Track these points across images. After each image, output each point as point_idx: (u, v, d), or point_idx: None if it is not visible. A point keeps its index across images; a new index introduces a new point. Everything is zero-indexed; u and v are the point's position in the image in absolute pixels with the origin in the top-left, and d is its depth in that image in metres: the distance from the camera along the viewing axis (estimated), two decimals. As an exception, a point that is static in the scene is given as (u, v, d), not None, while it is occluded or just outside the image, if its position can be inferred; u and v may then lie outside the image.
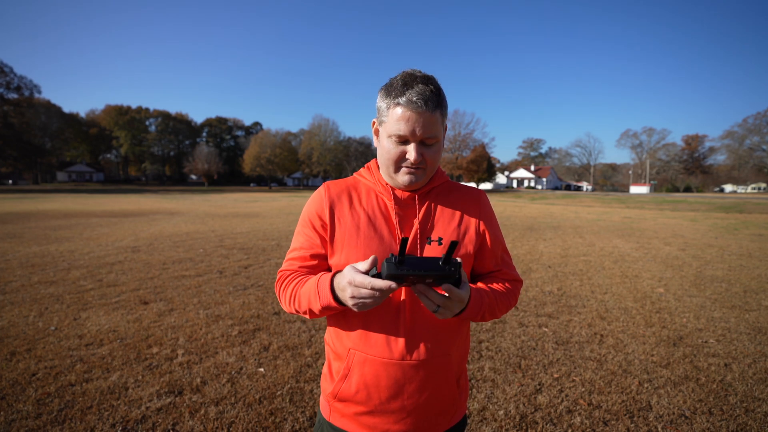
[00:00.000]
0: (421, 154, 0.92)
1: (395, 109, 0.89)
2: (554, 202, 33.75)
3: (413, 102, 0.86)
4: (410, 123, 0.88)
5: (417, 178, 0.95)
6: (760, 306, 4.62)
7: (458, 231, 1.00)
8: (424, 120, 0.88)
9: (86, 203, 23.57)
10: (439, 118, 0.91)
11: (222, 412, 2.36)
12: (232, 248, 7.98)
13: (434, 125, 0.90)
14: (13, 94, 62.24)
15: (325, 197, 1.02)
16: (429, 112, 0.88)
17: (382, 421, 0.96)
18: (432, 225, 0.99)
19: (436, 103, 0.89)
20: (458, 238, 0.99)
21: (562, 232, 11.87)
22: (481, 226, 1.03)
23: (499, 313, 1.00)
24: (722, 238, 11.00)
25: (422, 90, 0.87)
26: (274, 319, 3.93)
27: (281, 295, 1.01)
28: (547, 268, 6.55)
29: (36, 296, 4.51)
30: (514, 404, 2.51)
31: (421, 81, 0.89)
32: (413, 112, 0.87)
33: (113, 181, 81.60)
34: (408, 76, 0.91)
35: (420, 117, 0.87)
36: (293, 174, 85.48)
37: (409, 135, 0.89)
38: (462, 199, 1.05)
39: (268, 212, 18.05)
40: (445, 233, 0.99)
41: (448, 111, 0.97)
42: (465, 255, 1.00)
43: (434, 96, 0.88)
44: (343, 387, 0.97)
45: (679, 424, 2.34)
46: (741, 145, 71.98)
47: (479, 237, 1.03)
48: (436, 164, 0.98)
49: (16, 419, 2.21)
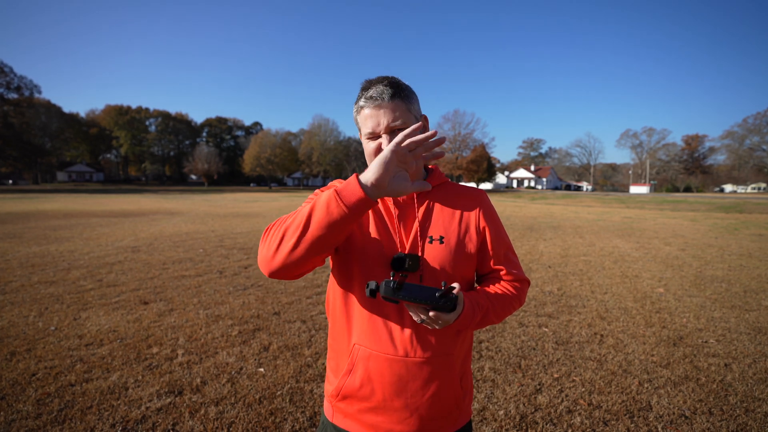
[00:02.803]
0: None
1: (361, 112, 0.97)
2: (554, 202, 33.75)
3: (370, 98, 0.94)
4: (374, 118, 0.94)
5: None
6: (760, 306, 4.62)
7: (459, 229, 1.00)
8: (384, 110, 0.94)
9: (86, 203, 23.57)
10: (401, 105, 0.95)
11: (222, 412, 2.36)
12: (232, 248, 7.98)
13: (397, 111, 0.94)
14: (13, 94, 62.33)
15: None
16: (387, 102, 0.93)
17: (386, 419, 0.96)
18: (432, 223, 1.00)
19: (393, 93, 0.94)
20: (459, 237, 0.99)
21: (562, 232, 11.87)
22: (481, 224, 1.03)
23: (498, 320, 1.00)
24: (722, 238, 11.00)
25: (377, 87, 0.95)
26: (274, 319, 3.93)
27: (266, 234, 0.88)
28: (547, 268, 6.55)
29: (36, 296, 4.51)
30: (514, 404, 2.51)
31: (378, 81, 0.97)
32: (373, 107, 0.94)
33: (113, 181, 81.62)
34: (366, 82, 0.99)
35: (380, 109, 0.94)
36: (293, 174, 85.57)
37: (376, 128, 0.95)
38: (462, 198, 1.05)
39: (268, 212, 18.05)
40: (446, 231, 0.99)
41: (417, 102, 1.01)
42: (466, 254, 1.00)
43: (390, 87, 0.94)
44: (347, 382, 0.98)
45: (679, 424, 2.34)
46: (741, 145, 72.00)
47: (480, 235, 1.02)
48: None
49: (16, 419, 2.21)
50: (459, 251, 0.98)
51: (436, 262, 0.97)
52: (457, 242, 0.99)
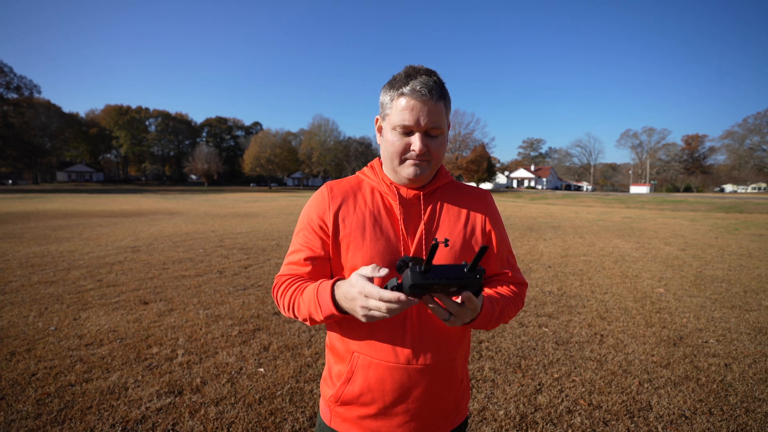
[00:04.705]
0: (426, 145, 0.90)
1: (399, 99, 0.89)
2: (554, 202, 33.75)
3: (417, 91, 0.86)
4: (415, 112, 0.87)
5: (422, 170, 0.93)
6: (760, 306, 4.62)
7: (465, 231, 0.98)
8: (428, 109, 0.87)
9: (86, 203, 23.57)
10: (443, 109, 0.90)
11: (222, 412, 2.36)
12: (232, 248, 7.98)
13: (438, 115, 0.89)
14: (13, 94, 62.30)
15: (328, 198, 0.99)
16: (433, 101, 0.87)
17: (386, 424, 0.94)
18: (438, 225, 0.97)
19: (440, 94, 0.89)
20: (465, 239, 0.97)
21: (562, 232, 11.86)
22: (487, 226, 1.02)
23: (507, 319, 0.99)
24: (722, 238, 11.00)
25: (426, 80, 0.87)
26: (274, 319, 3.93)
27: (279, 301, 0.97)
28: (547, 268, 6.55)
29: (36, 296, 4.51)
30: (514, 404, 2.51)
31: (425, 72, 0.89)
32: (417, 100, 0.87)
33: (113, 181, 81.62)
34: (411, 68, 0.91)
35: (424, 105, 0.87)
36: (293, 174, 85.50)
37: (414, 125, 0.88)
38: (468, 199, 1.03)
39: (268, 212, 18.05)
40: (451, 234, 0.97)
41: (450, 108, 0.96)
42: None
43: (437, 86, 0.88)
44: (346, 390, 0.96)
45: (680, 424, 2.34)
46: (741, 145, 72.01)
47: (485, 237, 1.01)
48: (441, 158, 0.96)
49: (16, 419, 2.21)
50: (464, 254, 0.96)
51: None
52: (462, 245, 0.97)
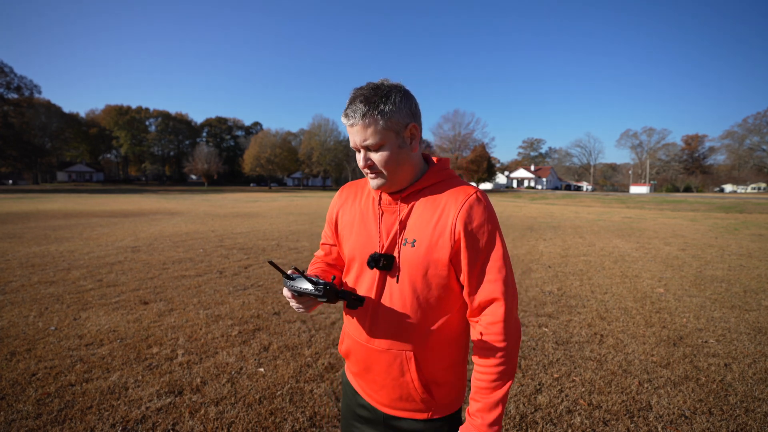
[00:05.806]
0: (368, 160, 0.99)
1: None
2: (554, 202, 33.74)
3: (346, 116, 0.97)
4: (351, 136, 0.98)
5: (378, 182, 1.01)
6: (760, 306, 4.62)
7: (432, 234, 0.97)
8: (355, 130, 0.96)
9: (86, 203, 23.55)
10: (372, 124, 0.94)
11: (222, 412, 2.36)
12: (232, 248, 7.98)
13: (364, 133, 0.95)
14: (13, 94, 62.18)
15: (338, 197, 1.20)
16: (358, 122, 0.95)
17: (366, 386, 1.11)
18: (408, 226, 1.02)
19: (364, 113, 0.93)
20: (431, 240, 0.97)
21: (562, 232, 11.86)
22: (456, 229, 0.95)
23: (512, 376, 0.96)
24: (722, 238, 10.99)
25: (353, 105, 0.95)
26: (274, 319, 3.93)
27: None
28: (547, 268, 6.55)
29: (36, 296, 4.51)
30: (514, 404, 2.51)
31: (354, 96, 0.96)
32: (348, 126, 0.97)
33: (113, 181, 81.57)
34: (351, 92, 0.98)
35: (352, 128, 0.96)
36: (293, 174, 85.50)
37: (353, 145, 0.99)
38: (447, 202, 0.99)
39: (268, 212, 18.04)
40: (419, 235, 0.99)
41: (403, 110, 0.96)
42: (436, 261, 0.97)
43: (363, 106, 0.93)
44: (341, 348, 1.18)
45: (679, 424, 2.34)
46: (741, 145, 72.01)
47: (454, 243, 0.96)
48: (393, 167, 0.98)
49: (16, 419, 2.21)
50: (428, 256, 0.97)
51: (409, 265, 0.99)
52: (428, 247, 0.97)
